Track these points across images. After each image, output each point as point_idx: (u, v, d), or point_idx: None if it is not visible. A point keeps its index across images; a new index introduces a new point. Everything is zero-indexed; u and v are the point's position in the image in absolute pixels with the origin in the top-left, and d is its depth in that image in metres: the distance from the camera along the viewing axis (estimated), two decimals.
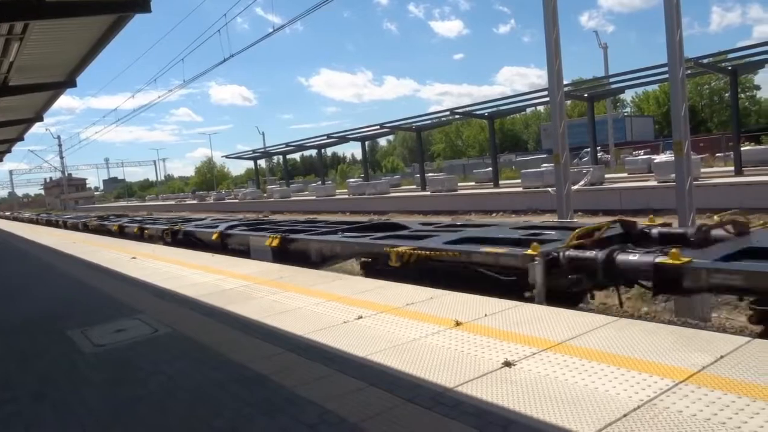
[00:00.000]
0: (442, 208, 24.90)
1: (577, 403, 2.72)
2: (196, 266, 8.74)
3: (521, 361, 3.35)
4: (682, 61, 9.18)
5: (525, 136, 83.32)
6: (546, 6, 10.70)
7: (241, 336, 4.53)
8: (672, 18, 8.88)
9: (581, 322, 4.00)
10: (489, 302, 4.85)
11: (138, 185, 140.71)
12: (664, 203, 15.51)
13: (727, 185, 16.54)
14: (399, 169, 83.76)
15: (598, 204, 18.65)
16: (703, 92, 64.30)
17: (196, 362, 3.98)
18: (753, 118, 61.31)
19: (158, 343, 4.63)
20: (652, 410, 2.57)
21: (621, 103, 73.22)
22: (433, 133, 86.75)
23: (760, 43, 19.61)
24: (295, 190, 48.21)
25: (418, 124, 33.84)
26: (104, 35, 13.30)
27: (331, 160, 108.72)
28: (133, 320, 5.45)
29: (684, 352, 3.23)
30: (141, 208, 59.77)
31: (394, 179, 47.82)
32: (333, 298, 5.53)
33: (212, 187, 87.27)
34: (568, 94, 24.82)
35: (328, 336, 4.25)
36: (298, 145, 43.96)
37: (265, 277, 7.17)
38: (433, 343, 3.85)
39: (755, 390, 2.66)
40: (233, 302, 5.81)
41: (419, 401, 2.90)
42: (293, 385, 3.31)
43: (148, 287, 7.32)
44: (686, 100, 9.29)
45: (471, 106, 29.90)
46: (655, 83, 32.21)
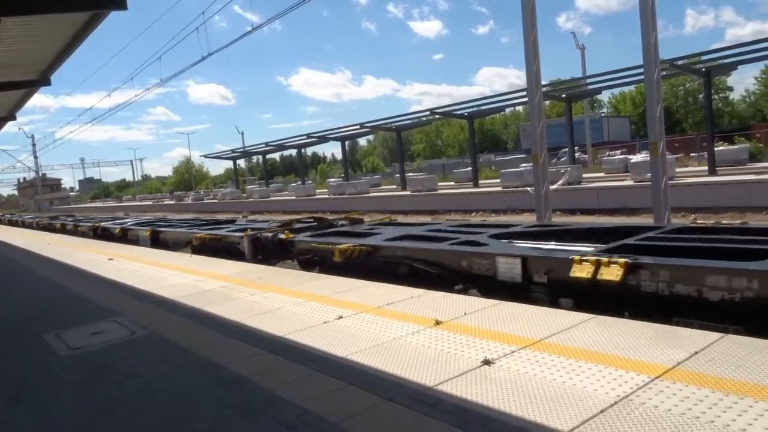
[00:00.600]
0: (423, 207, 24.96)
1: (556, 399, 2.75)
2: (175, 267, 8.64)
3: (500, 359, 3.38)
4: (657, 62, 9.34)
5: (504, 136, 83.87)
6: (524, 8, 10.79)
7: (220, 337, 4.49)
8: (647, 20, 9.02)
9: (559, 320, 4.04)
10: (469, 301, 4.87)
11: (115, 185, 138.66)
12: (641, 202, 15.75)
13: (701, 185, 16.84)
14: (379, 168, 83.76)
15: (575, 203, 18.86)
16: (678, 93, 65.36)
17: (174, 364, 3.94)
18: (726, 119, 62.50)
19: (136, 345, 4.57)
20: (629, 406, 2.60)
21: (598, 104, 74.16)
22: (413, 133, 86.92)
23: (732, 46, 20.02)
24: (274, 190, 47.92)
25: (398, 124, 33.87)
26: (79, 32, 13.07)
27: (311, 159, 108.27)
28: (110, 322, 5.37)
29: (660, 349, 3.28)
30: (117, 209, 58.91)
31: (374, 179, 47.78)
32: (313, 298, 5.51)
33: (191, 188, 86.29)
34: (547, 95, 25.05)
35: (308, 336, 4.23)
36: (277, 144, 43.71)
37: (244, 277, 7.12)
38: (413, 342, 3.86)
39: (728, 385, 2.71)
40: (212, 303, 5.76)
41: (399, 400, 2.91)
42: (273, 386, 3.29)
43: (126, 289, 7.22)
44: (661, 101, 9.45)
45: (451, 106, 30.02)
46: (631, 84, 32.65)
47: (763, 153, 27.33)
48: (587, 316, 4.09)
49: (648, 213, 11.73)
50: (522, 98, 24.63)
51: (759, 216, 14.12)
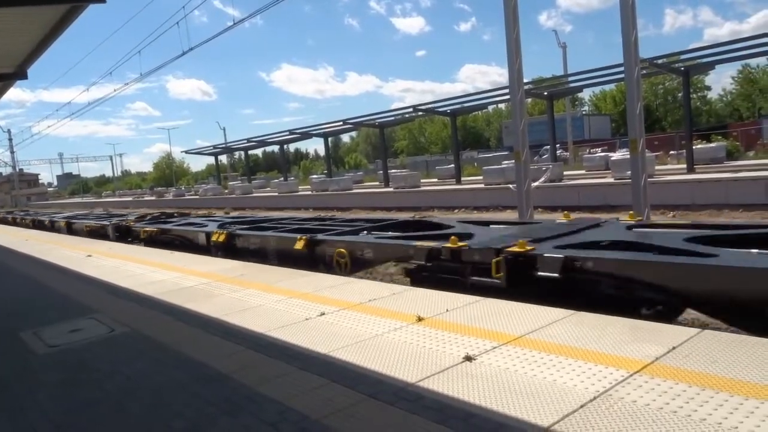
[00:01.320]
0: (405, 204, 25.00)
1: (536, 395, 2.77)
2: (155, 264, 8.56)
3: (482, 355, 3.40)
4: (637, 61, 9.44)
5: (487, 134, 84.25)
6: (506, 6, 10.84)
7: (201, 334, 4.46)
8: (628, 19, 9.11)
9: (541, 316, 4.07)
10: (451, 297, 4.89)
11: (94, 181, 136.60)
12: (621, 199, 15.93)
13: (680, 182, 17.08)
14: (362, 165, 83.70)
15: (557, 200, 19.02)
16: (658, 92, 66.18)
17: (154, 362, 3.90)
18: (704, 118, 63.46)
19: (115, 342, 4.52)
20: (608, 401, 2.64)
21: (579, 102, 74.83)
22: (397, 130, 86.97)
23: (710, 45, 20.30)
24: (257, 186, 47.63)
25: (381, 121, 33.85)
26: (57, 25, 12.82)
27: (294, 156, 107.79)
28: (89, 320, 5.30)
29: (638, 344, 3.32)
30: (97, 205, 58.14)
31: (357, 175, 47.73)
32: (295, 295, 5.49)
33: (171, 183, 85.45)
34: (529, 93, 25.21)
35: (290, 333, 4.22)
36: (260, 140, 43.44)
37: (226, 274, 7.08)
38: (395, 339, 3.86)
39: (705, 379, 2.76)
40: (193, 300, 5.71)
41: (382, 397, 2.91)
42: (254, 383, 3.28)
43: (105, 286, 7.13)
44: (641, 99, 9.57)
45: (434, 103, 30.09)
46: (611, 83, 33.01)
47: (740, 151, 27.84)
48: (567, 312, 4.13)
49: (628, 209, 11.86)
50: (504, 96, 24.76)
51: (735, 213, 14.37)
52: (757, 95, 61.93)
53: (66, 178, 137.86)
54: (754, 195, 14.79)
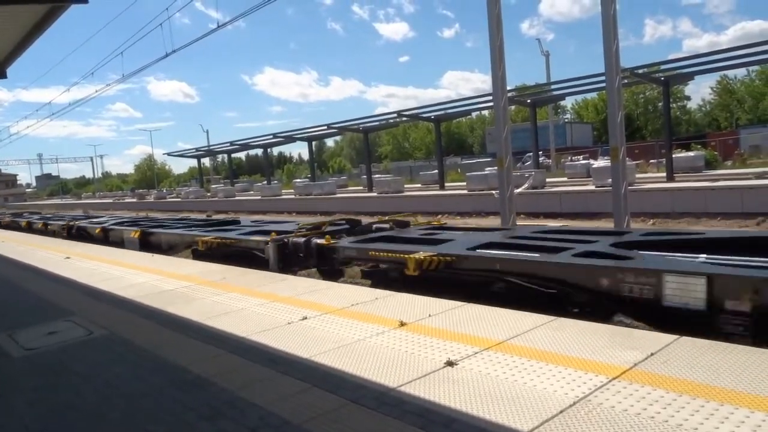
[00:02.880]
0: (389, 209, 24.99)
1: (517, 400, 2.79)
2: (135, 266, 8.46)
3: (463, 360, 3.41)
4: (618, 70, 9.57)
5: (470, 140, 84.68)
6: (490, 14, 10.93)
7: (182, 338, 4.42)
8: (609, 29, 9.24)
9: (522, 322, 4.10)
10: (433, 303, 4.91)
11: (74, 182, 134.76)
12: (602, 207, 16.10)
13: (660, 190, 17.31)
14: (346, 170, 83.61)
15: (539, 207, 19.17)
16: (639, 101, 67.07)
17: (133, 366, 3.85)
18: (684, 127, 64.48)
19: (93, 345, 4.46)
20: (587, 406, 2.66)
21: (562, 110, 75.56)
22: (381, 135, 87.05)
23: (689, 56, 20.67)
24: (240, 189, 47.30)
25: (366, 126, 33.87)
26: (37, 25, 12.67)
27: (278, 159, 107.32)
28: (66, 322, 5.23)
29: (618, 350, 3.36)
30: (76, 206, 57.33)
31: (341, 180, 47.64)
32: (277, 299, 5.47)
33: (153, 186, 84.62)
34: (512, 100, 25.42)
35: (272, 337, 4.20)
36: (243, 143, 43.22)
37: (207, 277, 7.02)
38: (377, 344, 3.86)
39: (682, 385, 2.80)
40: (173, 303, 5.65)
41: (363, 402, 2.91)
42: (235, 387, 3.25)
43: (83, 288, 7.04)
44: (622, 108, 9.69)
45: (418, 109, 30.21)
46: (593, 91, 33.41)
47: (718, 161, 28.31)
48: (548, 318, 4.16)
49: (609, 217, 12.01)
50: (488, 103, 24.95)
51: (713, 222, 14.60)
52: (735, 106, 63.08)
53: (45, 179, 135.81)
54: (731, 204, 15.04)
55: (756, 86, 60.18)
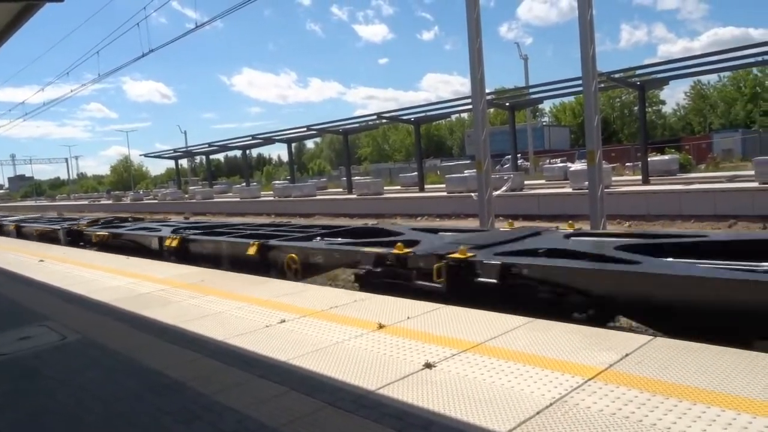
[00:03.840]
0: (369, 211, 25.02)
1: (495, 402, 2.81)
2: (110, 269, 8.34)
3: (442, 362, 3.42)
4: (595, 75, 9.70)
5: (450, 142, 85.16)
6: (469, 17, 11.01)
7: (158, 342, 4.36)
8: (586, 34, 9.36)
9: (500, 324, 4.13)
10: (412, 305, 4.91)
11: (48, 184, 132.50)
12: (579, 209, 16.28)
13: (635, 193, 17.59)
14: (326, 171, 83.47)
15: (517, 209, 19.34)
16: (615, 105, 68.15)
17: (108, 370, 3.79)
18: (659, 131, 65.67)
19: (67, 350, 4.38)
20: (564, 407, 2.69)
21: (540, 113, 76.38)
22: (361, 137, 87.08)
23: (664, 62, 21.05)
24: (218, 191, 46.92)
25: (346, 127, 33.86)
26: (10, 24, 12.43)
27: (257, 161, 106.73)
28: (40, 327, 5.13)
29: (593, 351, 3.40)
30: (50, 208, 56.34)
31: (320, 182, 47.53)
32: (256, 302, 5.43)
33: (130, 187, 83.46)
34: (491, 103, 25.60)
35: (250, 340, 4.17)
36: (222, 145, 42.89)
37: (184, 280, 6.94)
38: (356, 346, 3.86)
39: (655, 385, 2.84)
40: (149, 307, 5.58)
41: (341, 404, 2.90)
42: (212, 391, 3.22)
43: (57, 292, 6.91)
44: (599, 111, 9.82)
45: (398, 111, 30.34)
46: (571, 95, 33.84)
47: (692, 164, 28.87)
48: (526, 319, 4.20)
49: (585, 219, 12.15)
50: (467, 105, 25.10)
51: (687, 224, 14.88)
52: (708, 110, 64.40)
53: (18, 180, 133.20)
54: (704, 206, 15.35)
55: (728, 92, 61.53)
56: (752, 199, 14.68)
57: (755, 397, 2.63)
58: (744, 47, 18.37)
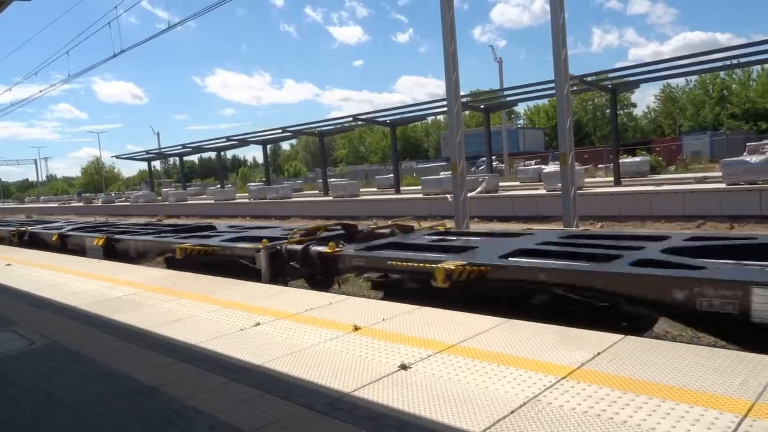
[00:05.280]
0: (345, 213, 24.96)
1: (469, 402, 2.82)
2: (81, 273, 8.17)
3: (417, 363, 3.43)
4: (567, 78, 9.83)
5: (426, 144, 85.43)
6: (444, 19, 11.06)
7: (129, 346, 4.29)
8: (558, 38, 9.48)
9: (475, 325, 4.15)
10: (387, 306, 4.92)
11: (16, 186, 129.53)
12: (552, 210, 16.48)
13: (607, 194, 17.86)
14: (302, 173, 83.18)
15: (492, 210, 19.49)
16: (588, 108, 69.07)
17: (77, 376, 3.72)
18: (630, 133, 66.78)
19: (35, 356, 4.28)
20: (537, 406, 2.72)
21: (515, 116, 77.09)
22: (337, 139, 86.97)
23: (635, 65, 21.41)
24: (192, 193, 46.37)
25: (321, 129, 33.75)
26: None
27: (232, 163, 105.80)
28: (7, 332, 5.00)
29: (566, 350, 3.45)
30: (19, 211, 55.01)
31: (296, 184, 47.32)
32: (230, 305, 5.38)
33: (101, 189, 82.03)
34: (466, 105, 25.79)
35: (224, 344, 4.12)
36: (195, 146, 42.35)
37: (157, 283, 6.84)
38: (331, 349, 3.84)
39: (626, 383, 2.89)
40: (120, 311, 5.48)
41: (316, 407, 2.89)
42: (184, 396, 3.18)
43: (25, 296, 6.75)
44: (571, 114, 9.96)
45: (373, 113, 30.27)
46: (544, 98, 34.30)
47: (662, 166, 29.45)
48: (499, 320, 4.23)
49: (559, 220, 12.31)
50: (442, 108, 25.22)
51: (657, 224, 15.15)
52: (678, 113, 65.74)
53: None
54: (674, 207, 15.66)
55: (696, 95, 62.91)
56: (720, 199, 15.02)
57: (723, 393, 2.69)
58: (711, 51, 18.89)
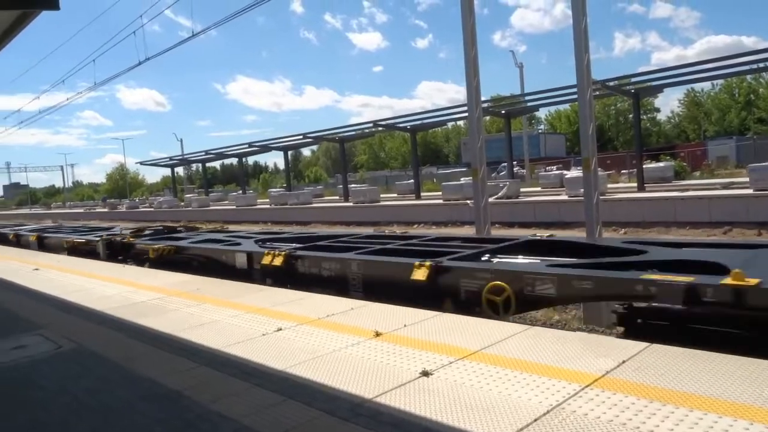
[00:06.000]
0: (365, 218, 25.01)
1: (492, 409, 2.80)
2: (107, 278, 8.30)
3: (438, 370, 3.42)
4: (590, 83, 9.73)
5: (446, 150, 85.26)
6: (465, 25, 11.05)
7: (153, 351, 4.34)
8: (580, 42, 9.40)
9: (497, 331, 4.13)
10: (409, 312, 4.91)
11: (43, 192, 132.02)
12: (574, 216, 16.32)
13: (631, 200, 17.64)
14: (322, 179, 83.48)
15: (514, 216, 19.37)
16: (610, 112, 68.36)
17: (103, 380, 3.77)
18: (654, 138, 65.89)
19: (62, 360, 4.35)
20: (561, 414, 2.68)
21: (536, 121, 76.58)
22: (357, 145, 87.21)
23: (658, 69, 21.30)
24: (214, 199, 46.87)
25: (342, 135, 33.92)
26: (6, 32, 12.44)
27: (253, 169, 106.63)
28: (35, 336, 5.10)
29: (590, 358, 3.40)
30: (46, 216, 56.13)
31: (317, 189, 47.53)
32: (252, 310, 5.42)
33: (125, 195, 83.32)
34: (487, 111, 25.70)
35: (246, 349, 4.15)
36: (218, 152, 42.85)
37: (180, 288, 6.92)
38: (352, 354, 3.85)
39: (653, 392, 2.84)
40: (145, 315, 5.56)
41: (338, 413, 2.89)
42: (207, 400, 3.21)
43: (52, 300, 6.87)
44: (594, 119, 9.85)
45: (394, 119, 30.35)
46: (566, 103, 33.96)
47: (687, 171, 29.00)
48: (522, 327, 4.20)
49: (581, 227, 12.17)
50: (463, 113, 25.17)
51: (682, 231, 14.92)
52: (703, 118, 64.71)
53: (13, 188, 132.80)
54: (699, 213, 15.40)
55: (722, 99, 61.86)
56: (747, 205, 14.74)
57: (752, 403, 2.63)
58: (737, 55, 18.52)
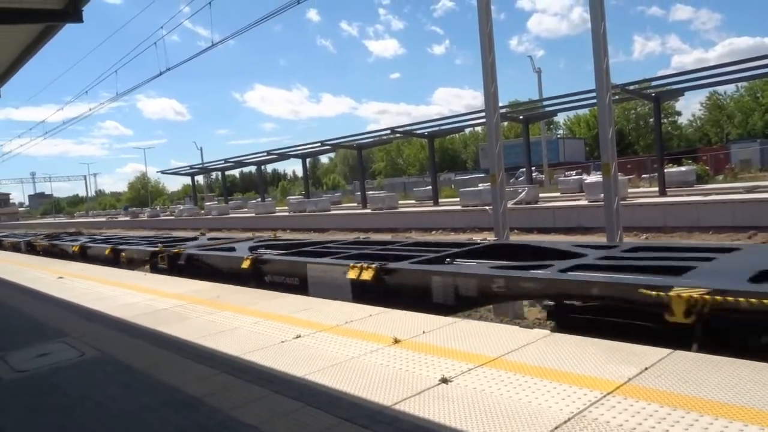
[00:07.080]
0: (383, 225, 25.03)
1: (512, 417, 2.78)
2: (128, 286, 8.41)
3: (458, 377, 3.40)
4: (609, 87, 9.66)
5: (464, 156, 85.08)
6: (482, 31, 11.05)
7: (174, 358, 4.39)
8: (599, 46, 9.35)
9: (517, 338, 4.10)
10: (427, 319, 4.90)
11: (67, 201, 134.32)
12: (595, 221, 16.17)
13: (652, 205, 17.41)
14: (340, 186, 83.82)
15: (533, 222, 19.24)
16: (630, 117, 67.62)
17: (125, 386, 3.82)
18: (675, 142, 65.00)
19: (85, 367, 4.42)
20: (582, 422, 2.66)
21: (554, 126, 76.05)
22: (375, 151, 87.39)
23: (679, 73, 20.95)
24: (234, 206, 47.31)
25: (360, 142, 34.02)
26: (31, 45, 12.74)
27: (272, 176, 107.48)
28: (59, 343, 5.18)
29: (612, 365, 3.36)
30: (69, 225, 57.07)
31: (335, 196, 47.77)
32: (271, 317, 5.45)
33: (147, 204, 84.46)
34: (505, 116, 25.59)
35: (266, 356, 4.18)
36: (237, 161, 43.25)
37: (200, 296, 6.99)
38: (371, 361, 3.85)
39: (676, 399, 2.80)
40: (166, 323, 5.62)
41: (357, 420, 2.89)
42: (228, 407, 3.23)
43: (75, 308, 6.98)
44: (613, 123, 9.77)
45: (411, 126, 30.35)
46: (585, 107, 33.77)
47: (709, 175, 28.55)
48: (542, 333, 4.16)
49: (601, 232, 12.05)
50: (480, 119, 25.12)
51: (705, 236, 14.68)
52: (725, 121, 63.75)
53: (38, 197, 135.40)
54: (723, 218, 15.15)
55: (745, 101, 60.91)
56: None
57: None
58: (760, 57, 18.18)
